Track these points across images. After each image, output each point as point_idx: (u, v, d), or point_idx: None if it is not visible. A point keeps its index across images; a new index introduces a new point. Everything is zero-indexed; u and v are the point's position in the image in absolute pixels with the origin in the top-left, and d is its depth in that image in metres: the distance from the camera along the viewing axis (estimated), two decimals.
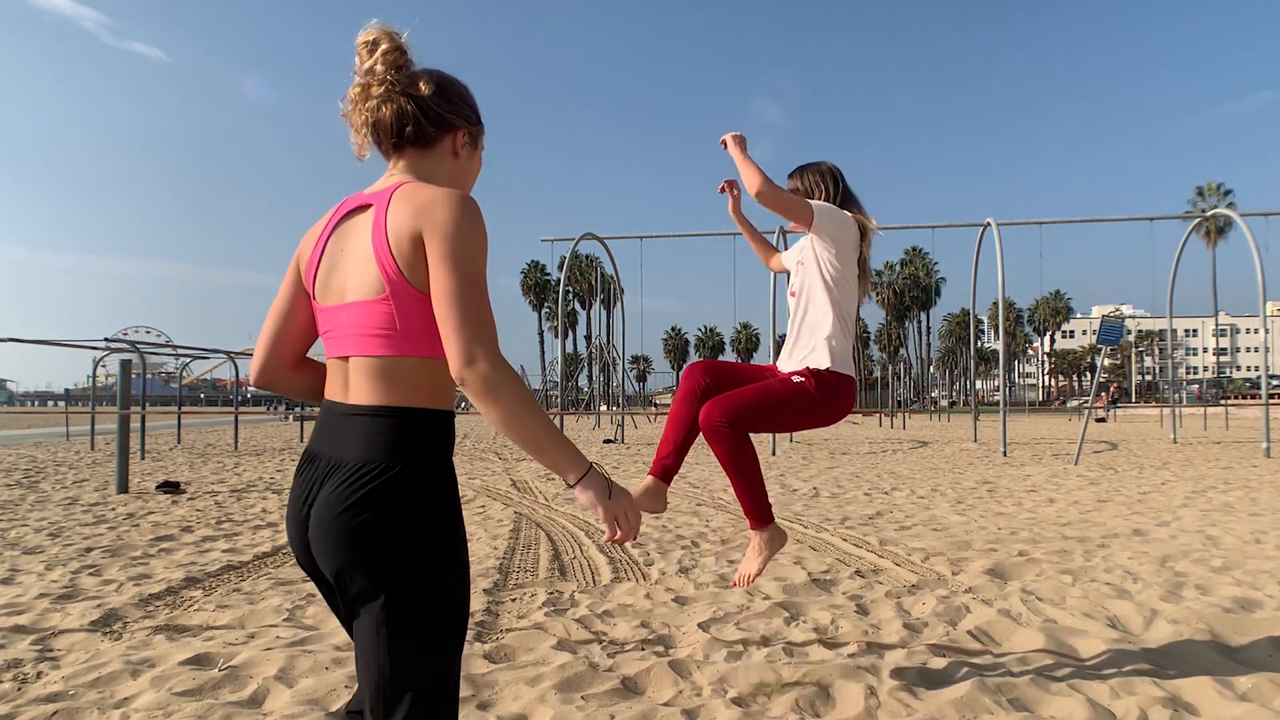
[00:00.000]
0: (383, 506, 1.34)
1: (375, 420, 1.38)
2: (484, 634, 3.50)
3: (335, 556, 1.35)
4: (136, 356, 16.99)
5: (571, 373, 47.89)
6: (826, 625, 3.66)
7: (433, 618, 1.38)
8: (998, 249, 15.63)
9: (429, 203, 1.38)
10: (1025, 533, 6.01)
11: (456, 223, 1.36)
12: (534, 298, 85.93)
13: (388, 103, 1.48)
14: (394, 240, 1.37)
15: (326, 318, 1.48)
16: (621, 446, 17.61)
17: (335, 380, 1.48)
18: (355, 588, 1.36)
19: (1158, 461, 12.67)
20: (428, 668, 1.37)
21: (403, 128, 1.49)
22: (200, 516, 7.02)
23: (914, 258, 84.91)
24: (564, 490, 8.91)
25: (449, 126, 1.54)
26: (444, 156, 1.55)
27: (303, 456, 1.49)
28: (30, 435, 23.04)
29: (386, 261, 1.37)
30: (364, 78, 1.48)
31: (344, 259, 1.45)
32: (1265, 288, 14.59)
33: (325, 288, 1.48)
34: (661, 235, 22.21)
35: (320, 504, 1.37)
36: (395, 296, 1.37)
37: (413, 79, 1.50)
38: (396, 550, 1.34)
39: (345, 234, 1.48)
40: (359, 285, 1.41)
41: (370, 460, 1.36)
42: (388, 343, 1.39)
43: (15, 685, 2.88)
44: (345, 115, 1.52)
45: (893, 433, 25.06)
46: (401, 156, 1.53)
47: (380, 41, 1.47)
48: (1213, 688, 2.77)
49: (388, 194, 1.43)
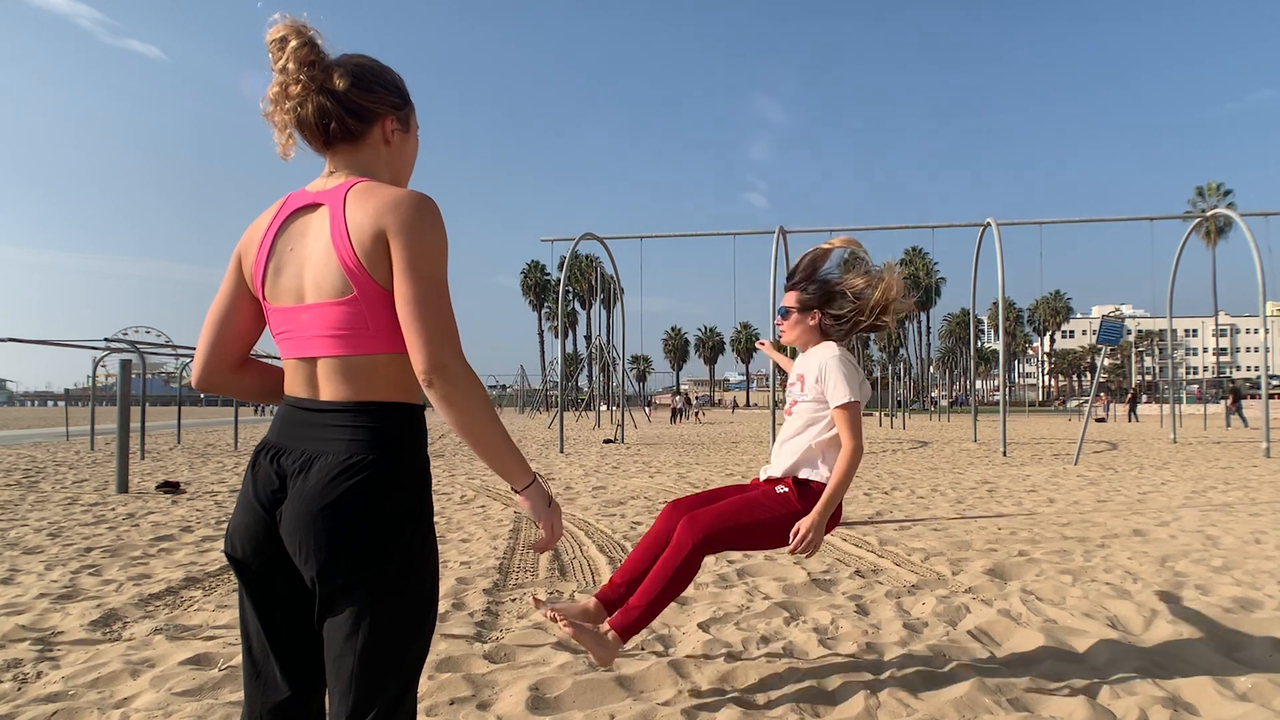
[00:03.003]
0: (370, 499, 1.33)
1: (355, 415, 1.38)
2: (484, 634, 3.50)
3: (319, 550, 1.33)
4: (136, 356, 16.97)
5: (571, 373, 47.89)
6: (826, 625, 3.66)
7: (412, 611, 1.38)
8: (998, 249, 15.62)
9: (390, 204, 1.36)
10: (1025, 533, 6.01)
11: (419, 226, 1.35)
12: (534, 298, 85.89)
13: (306, 102, 1.43)
14: (356, 241, 1.35)
15: (283, 319, 1.45)
16: (621, 446, 17.61)
17: (298, 379, 1.45)
18: (338, 581, 1.34)
19: (1158, 461, 12.67)
20: (404, 660, 1.38)
21: (326, 125, 1.45)
22: (200, 516, 7.02)
23: (914, 258, 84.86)
24: (563, 490, 8.92)
25: (373, 117, 1.49)
26: (376, 147, 1.51)
27: (260, 448, 1.46)
28: (30, 435, 23.04)
29: (351, 262, 1.35)
30: (280, 76, 1.43)
31: (297, 259, 1.42)
32: (1265, 288, 14.58)
33: (276, 288, 1.45)
34: (661, 235, 22.20)
35: (302, 496, 1.35)
36: (364, 297, 1.36)
37: (327, 73, 1.44)
38: (383, 543, 1.34)
39: (295, 233, 1.44)
40: (321, 286, 1.38)
41: (355, 453, 1.35)
42: (358, 341, 1.38)
43: (15, 685, 2.88)
44: (267, 116, 1.47)
45: (893, 432, 25.06)
46: (335, 153, 1.49)
47: (289, 38, 1.41)
48: (1213, 688, 2.77)
49: (341, 193, 1.41)
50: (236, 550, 1.44)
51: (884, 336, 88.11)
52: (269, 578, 1.43)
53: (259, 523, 1.41)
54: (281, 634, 1.44)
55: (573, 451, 15.79)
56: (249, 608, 1.46)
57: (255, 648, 1.46)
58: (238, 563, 1.45)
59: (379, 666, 1.34)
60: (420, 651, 1.42)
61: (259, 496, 1.41)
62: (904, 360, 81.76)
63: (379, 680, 1.34)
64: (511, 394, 68.57)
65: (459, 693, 2.79)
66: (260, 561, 1.42)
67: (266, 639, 1.44)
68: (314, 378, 1.42)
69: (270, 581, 1.43)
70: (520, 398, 63.65)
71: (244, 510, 1.44)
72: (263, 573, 1.43)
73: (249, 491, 1.44)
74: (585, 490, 8.93)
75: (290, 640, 1.45)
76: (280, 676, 1.45)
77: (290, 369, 1.47)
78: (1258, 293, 14.65)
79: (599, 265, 42.51)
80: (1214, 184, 68.94)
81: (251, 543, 1.42)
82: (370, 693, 1.34)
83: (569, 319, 79.59)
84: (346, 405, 1.39)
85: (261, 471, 1.43)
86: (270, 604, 1.44)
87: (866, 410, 23.62)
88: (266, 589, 1.44)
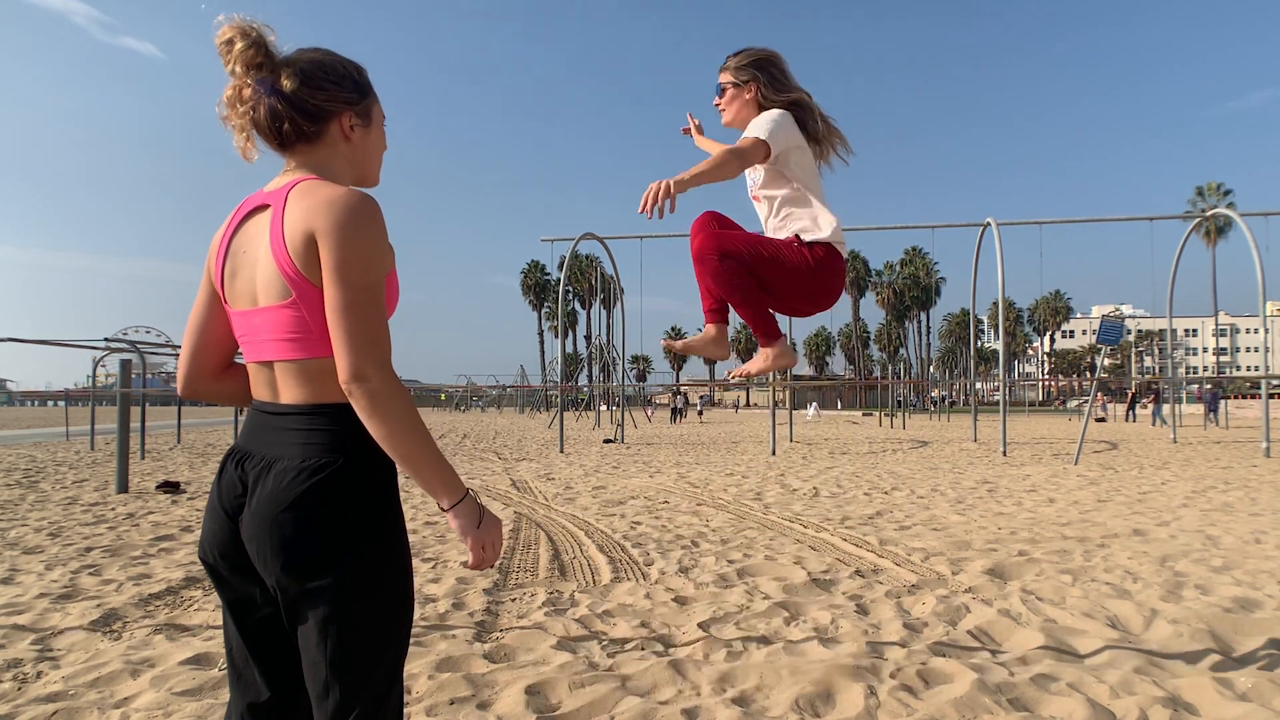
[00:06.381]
0: (327, 501, 1.32)
1: (312, 418, 1.37)
2: (484, 634, 3.50)
3: (276, 555, 1.31)
4: (136, 356, 16.97)
5: (571, 373, 47.87)
6: (826, 625, 3.66)
7: (381, 612, 1.36)
8: (998, 249, 15.63)
9: (323, 204, 1.33)
10: (1025, 533, 6.01)
11: (350, 228, 1.31)
12: (534, 298, 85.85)
13: (259, 105, 1.40)
14: (290, 242, 1.33)
15: (240, 322, 1.44)
16: (621, 446, 17.61)
17: (260, 383, 1.44)
18: (300, 586, 1.31)
19: (1158, 461, 12.67)
20: (380, 662, 1.35)
21: (279, 128, 1.42)
22: (200, 516, 7.01)
23: (914, 258, 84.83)
24: (563, 490, 8.92)
25: (327, 115, 1.44)
26: (335, 144, 1.47)
27: (229, 454, 1.45)
28: (30, 435, 23.04)
29: (286, 264, 1.33)
30: (232, 79, 1.40)
31: (249, 262, 1.41)
32: (1265, 288, 14.59)
33: (233, 292, 1.44)
34: (661, 235, 22.11)
35: (260, 501, 1.33)
36: (303, 300, 1.34)
37: (276, 74, 1.40)
38: (343, 545, 1.31)
39: (246, 236, 1.43)
40: (267, 289, 1.37)
41: (310, 456, 1.33)
42: (306, 345, 1.36)
43: (15, 685, 2.89)
44: (224, 119, 1.43)
45: (893, 432, 25.06)
46: (292, 154, 1.46)
47: (235, 40, 1.37)
48: (1213, 688, 2.78)
49: (284, 193, 1.38)
50: (209, 556, 1.43)
51: (884, 337, 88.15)
52: (241, 584, 1.42)
53: (225, 529, 1.40)
54: (258, 638, 1.43)
55: (573, 451, 15.78)
56: (225, 613, 1.46)
57: (235, 651, 1.46)
58: (211, 568, 1.44)
59: (353, 670, 1.32)
60: (397, 652, 1.39)
61: (223, 503, 1.40)
62: (904, 360, 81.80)
63: (355, 684, 1.32)
64: (511, 394, 68.58)
65: (459, 693, 2.79)
66: (230, 567, 1.41)
67: (244, 643, 1.44)
68: (273, 381, 1.41)
69: (242, 587, 1.42)
70: (520, 398, 63.68)
71: (211, 517, 1.43)
72: (235, 579, 1.42)
73: (214, 498, 1.43)
74: (585, 490, 8.93)
75: (268, 644, 1.43)
76: (260, 679, 1.44)
77: (252, 373, 1.46)
78: (1258, 293, 14.66)
79: (599, 265, 42.51)
80: (1214, 184, 68.86)
81: (220, 549, 1.41)
82: (348, 697, 1.32)
83: (569, 319, 79.56)
84: (302, 408, 1.37)
85: (226, 477, 1.41)
86: (244, 609, 1.43)
87: (867, 410, 23.46)
88: (239, 594, 1.43)
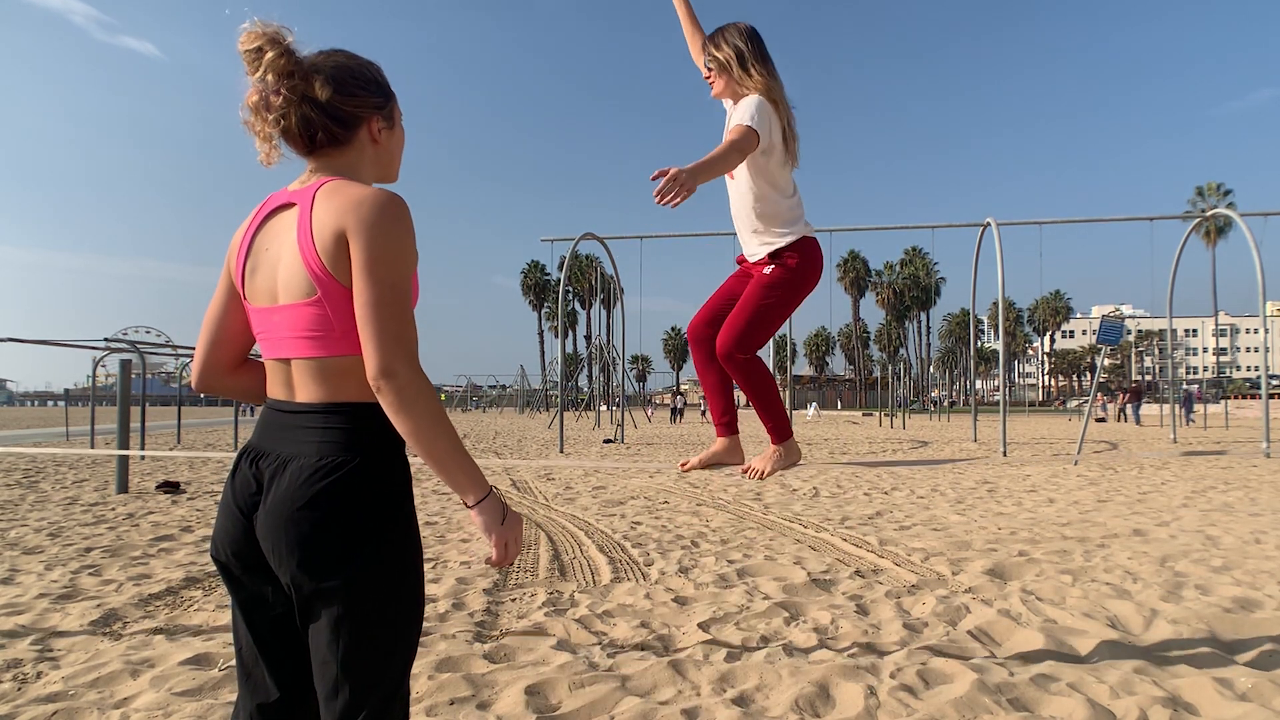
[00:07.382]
0: (344, 501, 1.32)
1: (328, 417, 1.37)
2: (484, 634, 3.50)
3: (291, 554, 1.32)
4: (136, 356, 16.96)
5: (571, 373, 47.88)
6: (826, 625, 3.66)
7: (393, 614, 1.36)
8: (998, 249, 15.62)
9: (353, 203, 1.34)
10: (1025, 533, 6.01)
11: (380, 227, 1.32)
12: (534, 298, 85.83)
13: (289, 114, 1.41)
14: (319, 241, 1.34)
15: (260, 319, 1.45)
16: (621, 446, 17.61)
17: (276, 381, 1.45)
18: (315, 585, 1.32)
19: (1158, 461, 12.67)
20: (390, 663, 1.36)
21: (312, 135, 1.43)
22: (200, 516, 7.01)
23: (914, 258, 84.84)
24: (564, 490, 8.92)
25: (359, 121, 1.47)
26: (363, 147, 1.49)
27: (242, 452, 1.45)
28: (30, 435, 23.03)
29: (314, 262, 1.34)
30: (258, 85, 1.40)
31: (270, 259, 1.41)
32: (1265, 288, 14.58)
33: (253, 289, 1.44)
34: (661, 235, 22.19)
35: (276, 499, 1.34)
36: (328, 298, 1.35)
37: (308, 82, 1.41)
38: (358, 545, 1.32)
39: (269, 233, 1.43)
40: (290, 287, 1.38)
41: (327, 455, 1.34)
42: (326, 343, 1.37)
43: (15, 685, 2.89)
44: (247, 124, 1.43)
45: (893, 433, 25.06)
46: (319, 157, 1.47)
47: (265, 49, 1.38)
48: (1213, 688, 2.78)
49: (311, 192, 1.39)
50: (221, 555, 1.44)
51: (884, 337, 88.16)
52: (253, 582, 1.42)
53: (239, 528, 1.40)
54: (268, 638, 1.43)
55: (573, 451, 15.78)
56: (236, 612, 1.46)
57: (244, 650, 1.46)
58: (223, 567, 1.45)
59: (363, 671, 1.33)
60: (407, 653, 1.40)
61: (238, 501, 1.40)
62: (904, 360, 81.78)
63: (365, 685, 1.33)
64: (511, 394, 68.56)
65: (459, 693, 2.79)
66: (243, 566, 1.41)
67: (254, 642, 1.44)
68: (290, 379, 1.42)
69: (255, 586, 1.42)
70: (520, 398, 63.67)
71: (224, 515, 1.43)
72: (247, 577, 1.42)
73: (229, 496, 1.43)
74: (585, 490, 8.93)
75: (278, 644, 1.44)
76: (269, 679, 1.44)
77: (270, 370, 1.46)
78: (1258, 292, 14.65)
79: (599, 265, 42.50)
80: (1214, 184, 68.91)
81: (233, 547, 1.41)
82: (358, 697, 1.33)
83: (569, 319, 79.57)
84: (320, 407, 1.38)
85: (240, 476, 1.42)
86: (256, 608, 1.44)
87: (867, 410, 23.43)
88: (251, 593, 1.43)
